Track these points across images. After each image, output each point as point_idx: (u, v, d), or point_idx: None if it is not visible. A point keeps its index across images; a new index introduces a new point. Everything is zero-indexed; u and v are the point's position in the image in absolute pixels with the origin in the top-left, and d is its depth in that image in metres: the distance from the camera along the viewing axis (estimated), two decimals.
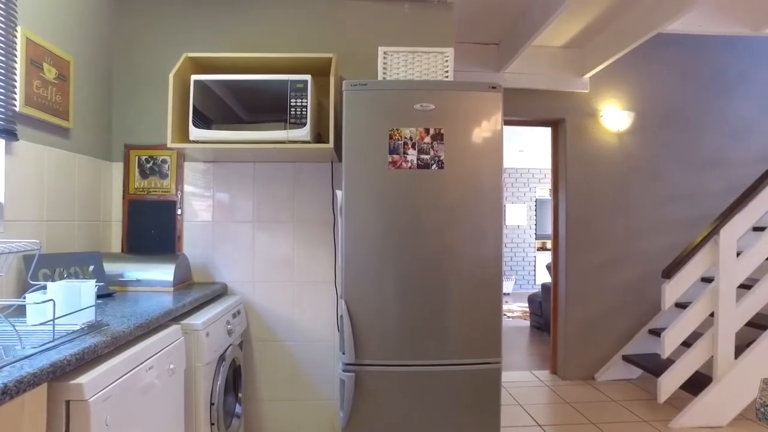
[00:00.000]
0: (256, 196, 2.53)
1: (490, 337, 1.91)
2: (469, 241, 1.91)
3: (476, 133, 1.90)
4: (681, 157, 4.12)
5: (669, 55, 4.10)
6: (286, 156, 2.36)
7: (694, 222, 4.13)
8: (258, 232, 2.53)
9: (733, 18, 3.05)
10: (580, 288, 3.99)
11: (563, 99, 3.97)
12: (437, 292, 1.91)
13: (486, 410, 1.91)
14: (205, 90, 2.09)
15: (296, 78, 2.09)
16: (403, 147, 1.86)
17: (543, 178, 9.10)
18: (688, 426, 3.06)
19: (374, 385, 1.89)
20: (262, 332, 2.53)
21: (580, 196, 4.00)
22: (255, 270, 2.53)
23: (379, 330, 1.90)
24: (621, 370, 3.98)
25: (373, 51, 2.49)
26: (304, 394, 2.52)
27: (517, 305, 7.58)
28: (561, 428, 3.04)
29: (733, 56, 4.18)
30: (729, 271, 3.21)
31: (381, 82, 1.89)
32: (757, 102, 4.20)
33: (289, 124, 2.09)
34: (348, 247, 1.90)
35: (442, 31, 2.56)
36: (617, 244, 4.04)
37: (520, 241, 9.06)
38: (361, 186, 1.89)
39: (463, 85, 1.89)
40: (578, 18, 3.30)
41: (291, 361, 2.53)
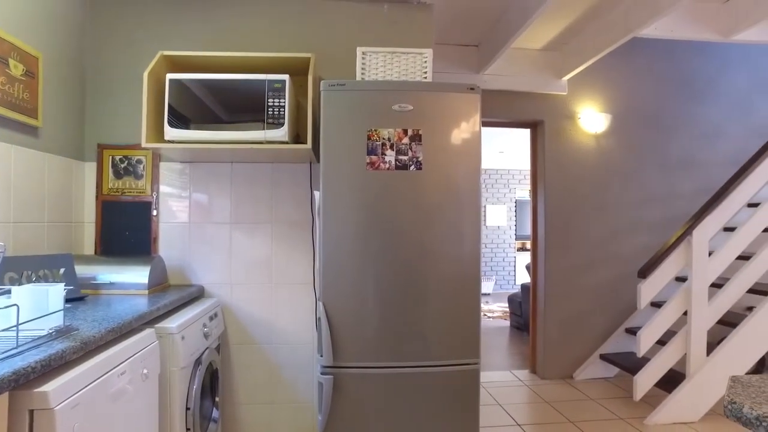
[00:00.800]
0: (234, 196, 2.50)
1: (468, 338, 1.92)
2: (447, 242, 1.91)
3: (454, 134, 1.91)
4: (655, 159, 4.21)
5: (644, 59, 4.18)
6: (264, 156, 2.33)
7: (668, 223, 4.22)
8: (236, 234, 2.49)
9: (703, 24, 3.13)
10: (558, 288, 4.04)
11: (542, 101, 4.02)
12: (415, 293, 1.90)
13: (465, 411, 1.91)
14: (183, 89, 2.05)
15: (274, 78, 2.07)
16: (381, 148, 1.85)
17: (523, 179, 9.19)
18: (662, 422, 3.12)
19: (353, 387, 1.88)
20: (240, 335, 2.49)
21: (559, 197, 4.05)
22: (232, 272, 2.49)
23: (357, 332, 1.89)
24: (599, 368, 4.04)
25: (352, 51, 2.49)
26: (283, 397, 2.50)
27: (498, 305, 7.64)
28: (540, 427, 3.07)
29: (704, 62, 4.28)
30: (701, 270, 3.29)
31: (359, 82, 1.88)
32: (725, 106, 4.31)
33: (267, 125, 2.06)
34: (325, 249, 1.89)
35: (421, 32, 2.56)
36: (595, 244, 4.10)
37: (501, 241, 9.13)
38: (338, 187, 1.88)
39: (442, 86, 1.89)
40: (556, 21, 3.34)
41: (269, 364, 2.50)
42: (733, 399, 0.93)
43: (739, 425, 1.99)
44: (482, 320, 6.47)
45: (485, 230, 9.08)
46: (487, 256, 9.07)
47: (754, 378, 1.05)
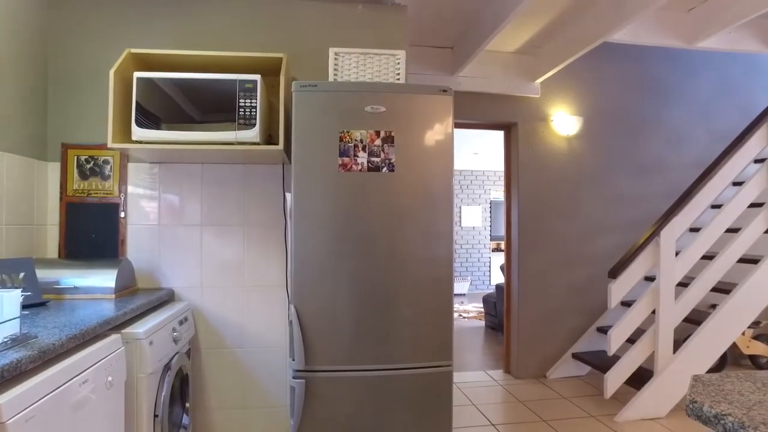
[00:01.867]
0: (205, 198, 2.45)
1: (441, 340, 1.92)
2: (420, 244, 1.91)
3: (427, 136, 1.91)
4: (625, 161, 4.30)
5: (614, 63, 4.27)
6: (235, 157, 2.29)
7: (637, 223, 4.32)
8: (207, 236, 2.45)
9: (668, 31, 3.21)
10: (532, 288, 4.09)
11: (515, 103, 4.07)
12: (388, 295, 1.90)
13: (438, 413, 1.91)
14: (153, 88, 2.00)
15: (245, 78, 2.04)
16: (354, 149, 1.84)
17: (497, 180, 9.30)
18: (631, 419, 3.19)
19: (325, 391, 1.86)
20: (211, 339, 2.45)
21: (532, 199, 4.10)
22: (203, 275, 2.45)
23: (329, 335, 1.87)
24: (571, 367, 4.10)
25: (325, 52, 2.47)
26: (256, 401, 2.46)
27: (473, 306, 7.70)
28: (513, 427, 3.10)
29: (671, 67, 4.40)
30: (668, 270, 3.37)
31: (331, 83, 1.87)
32: (691, 111, 4.44)
33: (238, 125, 2.03)
34: (297, 251, 1.87)
35: (395, 33, 2.56)
36: (567, 244, 4.17)
37: (476, 242, 9.21)
38: (310, 189, 1.86)
39: (414, 87, 1.89)
40: (529, 25, 3.38)
41: (241, 368, 2.46)
42: (694, 398, 0.95)
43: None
44: (457, 321, 6.52)
45: (460, 231, 9.15)
46: (463, 257, 9.14)
47: (714, 377, 1.08)
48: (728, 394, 0.97)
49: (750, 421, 0.84)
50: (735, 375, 1.09)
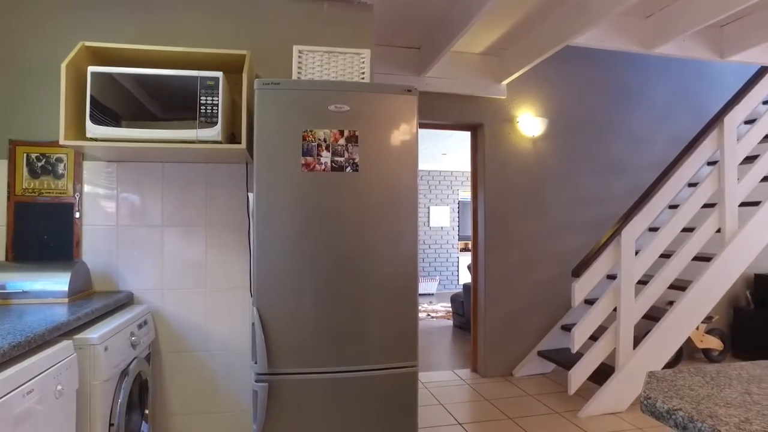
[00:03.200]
0: (166, 198, 2.38)
1: (406, 341, 1.92)
2: (384, 244, 1.90)
3: (391, 136, 1.90)
4: (589, 162, 4.41)
5: (578, 66, 4.37)
6: (197, 156, 2.23)
7: (600, 223, 4.43)
8: (168, 237, 2.38)
9: (628, 37, 3.31)
10: (498, 287, 4.14)
11: (482, 104, 4.11)
12: (353, 296, 1.88)
13: (403, 414, 1.91)
14: (112, 84, 1.92)
15: (207, 75, 1.99)
16: (317, 149, 1.82)
17: (465, 180, 9.39)
18: (593, 414, 3.27)
19: (289, 394, 1.83)
20: (173, 343, 2.38)
21: (498, 199, 4.16)
22: (164, 277, 2.37)
23: (293, 337, 1.84)
24: (536, 365, 4.17)
25: (291, 50, 2.43)
26: (219, 405, 2.40)
27: (441, 305, 7.75)
28: (480, 425, 3.13)
29: (632, 72, 4.54)
30: (629, 268, 3.47)
31: (294, 81, 1.84)
32: (651, 114, 4.59)
33: (200, 123, 1.98)
34: (259, 252, 1.83)
35: (361, 32, 2.55)
36: (533, 244, 4.24)
37: (444, 242, 9.29)
38: (272, 188, 1.83)
39: (379, 87, 1.88)
40: (495, 27, 3.42)
41: (204, 372, 2.40)
42: (648, 394, 0.97)
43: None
44: (426, 320, 6.55)
45: (429, 231, 9.20)
46: (431, 257, 9.20)
47: (667, 372, 1.11)
48: (680, 389, 1.00)
49: (698, 414, 0.86)
50: (687, 370, 1.12)
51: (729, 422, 0.83)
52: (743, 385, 1.02)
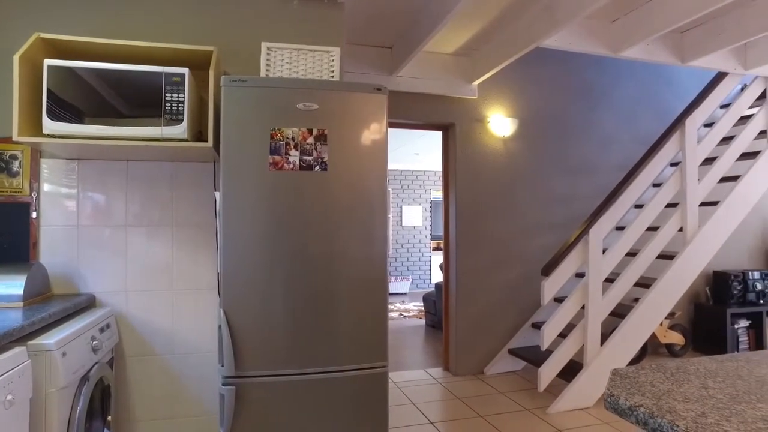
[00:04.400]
0: (131, 197, 2.31)
1: (376, 341, 1.90)
2: (354, 244, 1.89)
3: (361, 135, 1.89)
4: (557, 162, 4.48)
5: (547, 68, 4.44)
6: (162, 154, 2.17)
7: (569, 222, 4.51)
8: (132, 237, 2.31)
9: (595, 40, 3.38)
10: (469, 286, 4.18)
11: (453, 104, 4.13)
12: (322, 297, 1.86)
13: (374, 415, 1.90)
14: (73, 79, 1.85)
15: (172, 71, 1.93)
16: (285, 147, 1.79)
17: (438, 180, 9.45)
18: (562, 410, 3.32)
19: (257, 397, 1.80)
20: (137, 346, 2.31)
21: (470, 198, 4.19)
22: (128, 278, 2.30)
23: (261, 339, 1.81)
24: (507, 363, 4.22)
25: (260, 47, 2.39)
26: (186, 410, 2.35)
27: (414, 304, 7.78)
28: (451, 424, 3.14)
29: (599, 74, 4.64)
30: (596, 267, 3.55)
31: (262, 79, 1.80)
32: (617, 116, 4.70)
33: (165, 120, 1.93)
34: (226, 253, 1.79)
35: (332, 30, 2.52)
36: (503, 243, 4.29)
37: (416, 241, 9.33)
38: (239, 187, 1.79)
39: (348, 85, 1.86)
40: (466, 28, 3.45)
41: (171, 376, 2.34)
42: (611, 392, 0.99)
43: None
44: (398, 320, 6.56)
45: (401, 231, 9.22)
46: (404, 256, 9.22)
47: (630, 369, 1.13)
48: (642, 385, 1.01)
49: (658, 410, 0.88)
50: (649, 366, 1.15)
51: (687, 417, 0.85)
52: (701, 379, 1.05)
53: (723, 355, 1.24)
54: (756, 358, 1.20)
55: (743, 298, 4.67)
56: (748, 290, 4.66)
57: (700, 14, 2.81)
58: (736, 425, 0.82)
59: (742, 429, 0.80)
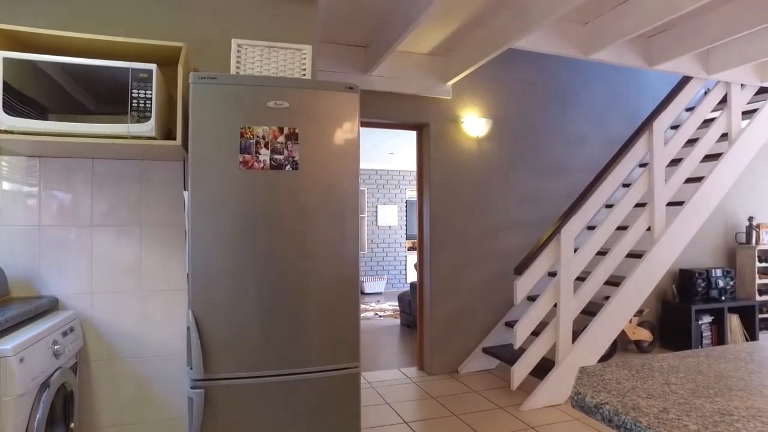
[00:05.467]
0: (96, 196, 2.24)
1: (348, 342, 1.89)
2: (325, 243, 1.87)
3: (333, 134, 1.87)
4: (530, 162, 4.55)
5: (520, 69, 4.50)
6: (130, 153, 2.11)
7: (541, 222, 4.58)
8: (98, 237, 2.24)
9: (567, 42, 3.44)
10: (444, 285, 4.20)
11: (428, 104, 4.15)
12: (293, 297, 1.84)
13: (346, 416, 1.88)
14: (36, 73, 1.78)
15: (139, 66, 1.88)
16: (256, 146, 1.76)
17: (413, 179, 9.49)
18: (535, 407, 3.37)
19: (227, 399, 1.77)
20: (103, 350, 2.24)
21: (444, 198, 4.21)
22: (94, 280, 2.23)
23: (231, 340, 1.78)
24: (481, 361, 4.26)
25: (231, 44, 2.35)
26: (154, 415, 2.29)
27: (389, 304, 7.79)
28: (426, 423, 3.15)
29: (571, 76, 4.73)
30: (568, 265, 3.61)
31: (232, 76, 1.77)
32: (588, 117, 4.80)
33: (131, 118, 1.87)
34: (195, 253, 1.75)
35: (304, 27, 2.50)
36: (477, 243, 4.33)
37: (392, 241, 9.34)
38: (209, 186, 1.75)
39: (319, 84, 1.84)
40: (441, 28, 3.46)
41: (138, 380, 2.28)
42: (578, 390, 1.00)
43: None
44: (373, 319, 6.56)
45: (377, 230, 9.22)
46: (379, 256, 9.23)
47: (598, 367, 1.14)
48: (608, 383, 1.03)
49: (623, 407, 0.89)
50: (615, 364, 1.17)
51: (649, 413, 0.86)
52: (664, 375, 1.07)
53: (685, 351, 1.27)
54: (715, 353, 1.24)
55: (707, 295, 4.82)
56: (711, 287, 4.81)
57: (666, 19, 2.89)
58: (695, 419, 0.84)
59: (701, 423, 0.82)
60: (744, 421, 0.83)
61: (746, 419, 0.84)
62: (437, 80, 4.05)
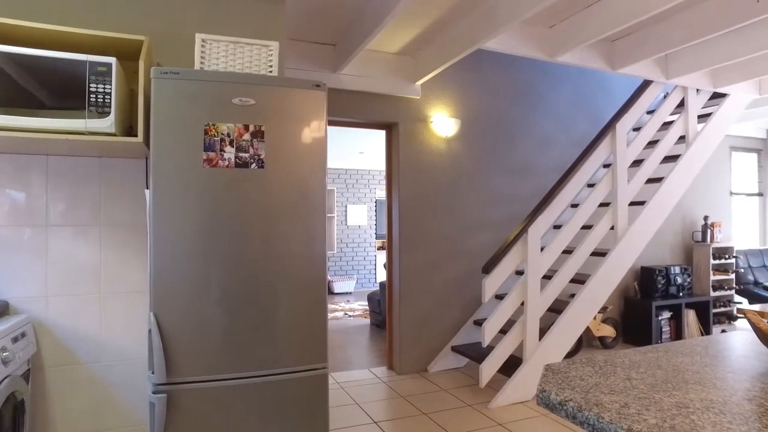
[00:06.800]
0: (51, 195, 2.14)
1: (316, 343, 1.87)
2: (291, 244, 1.84)
3: (299, 132, 1.84)
4: (498, 162, 4.61)
5: (489, 71, 4.55)
6: (89, 149, 2.03)
7: (509, 221, 4.65)
8: (54, 238, 2.14)
9: (534, 44, 3.49)
10: (413, 285, 4.21)
11: (397, 103, 4.15)
12: (259, 298, 1.80)
13: (314, 418, 1.86)
14: None
15: (97, 60, 1.81)
16: (220, 144, 1.72)
17: (383, 179, 9.49)
18: (503, 404, 3.41)
19: (192, 403, 1.72)
20: (59, 356, 2.14)
21: (413, 197, 4.22)
22: (49, 282, 2.14)
23: (195, 343, 1.73)
24: (450, 360, 4.29)
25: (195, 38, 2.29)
26: (115, 421, 2.21)
27: (359, 304, 7.77)
28: (395, 422, 3.15)
29: (538, 77, 4.81)
30: (535, 264, 3.67)
31: (196, 71, 1.72)
32: (555, 118, 4.90)
33: (89, 113, 1.80)
34: (157, 253, 1.70)
35: (272, 24, 2.46)
36: (446, 242, 4.36)
37: (361, 240, 9.32)
38: (171, 185, 1.70)
39: (286, 81, 1.81)
40: (410, 27, 3.46)
41: (98, 386, 2.19)
42: (543, 387, 1.01)
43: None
44: (343, 319, 6.53)
45: (346, 230, 9.19)
46: (349, 255, 9.20)
47: (562, 364, 1.16)
48: (572, 380, 1.04)
49: (586, 403, 0.90)
50: (580, 360, 1.19)
51: (611, 408, 0.88)
52: (625, 371, 1.09)
53: (646, 346, 1.30)
54: (673, 348, 1.27)
55: (666, 291, 5.00)
56: (670, 284, 4.99)
57: (628, 24, 2.97)
58: (654, 413, 0.85)
59: (659, 417, 0.84)
60: (699, 413, 0.86)
61: (701, 411, 0.87)
62: (406, 80, 4.06)
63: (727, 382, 1.02)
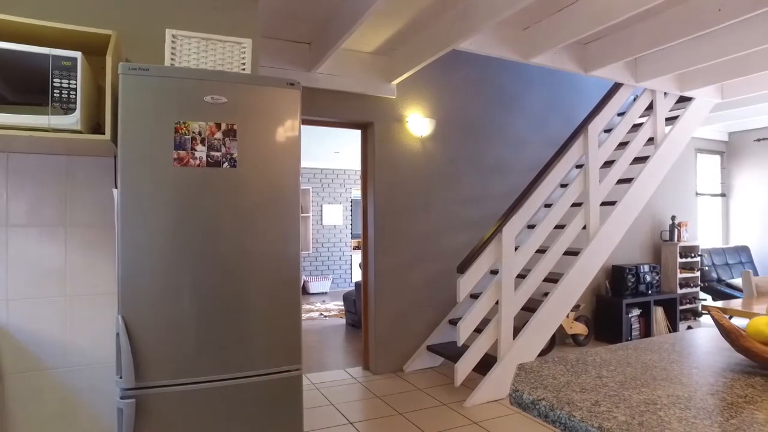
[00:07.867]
0: (13, 194, 2.06)
1: (289, 344, 1.85)
2: (264, 244, 1.82)
3: (273, 131, 1.82)
4: (473, 162, 4.64)
5: (464, 71, 4.59)
6: (53, 147, 1.96)
7: (484, 221, 4.69)
8: (14, 239, 2.06)
9: (509, 46, 3.53)
10: (388, 285, 4.21)
11: (372, 103, 4.14)
12: (231, 299, 1.77)
13: (288, 420, 1.84)
14: None
15: (61, 54, 1.74)
16: (191, 142, 1.68)
17: (358, 179, 9.47)
18: (478, 403, 3.44)
19: (162, 408, 1.68)
20: (22, 362, 2.06)
21: (388, 197, 4.22)
22: (9, 286, 2.05)
23: (165, 346, 1.69)
24: (426, 359, 4.31)
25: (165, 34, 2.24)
26: (84, 428, 2.14)
27: (334, 304, 7.74)
28: (371, 423, 3.14)
29: (513, 78, 4.87)
30: (509, 263, 3.71)
31: (166, 68, 1.68)
32: (528, 119, 4.97)
33: (53, 109, 1.73)
34: (125, 254, 1.65)
35: (245, 21, 2.42)
36: (421, 242, 4.37)
37: (337, 240, 9.29)
38: (140, 184, 1.66)
39: (259, 79, 1.79)
40: (385, 27, 3.46)
41: (63, 392, 2.12)
42: (516, 387, 1.01)
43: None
44: (319, 320, 6.49)
45: (322, 230, 9.14)
46: (324, 255, 9.15)
47: (535, 363, 1.17)
48: (544, 379, 1.05)
49: (558, 402, 0.91)
50: (552, 359, 1.20)
51: (582, 407, 0.89)
52: (596, 369, 1.11)
53: (617, 344, 1.33)
54: (642, 345, 1.30)
55: (636, 289, 5.12)
56: (639, 282, 5.12)
57: (599, 28, 3.03)
58: (623, 410, 0.87)
59: (628, 414, 0.86)
60: (666, 409, 0.87)
61: (668, 407, 0.88)
62: (382, 79, 4.05)
63: (693, 378, 1.04)
